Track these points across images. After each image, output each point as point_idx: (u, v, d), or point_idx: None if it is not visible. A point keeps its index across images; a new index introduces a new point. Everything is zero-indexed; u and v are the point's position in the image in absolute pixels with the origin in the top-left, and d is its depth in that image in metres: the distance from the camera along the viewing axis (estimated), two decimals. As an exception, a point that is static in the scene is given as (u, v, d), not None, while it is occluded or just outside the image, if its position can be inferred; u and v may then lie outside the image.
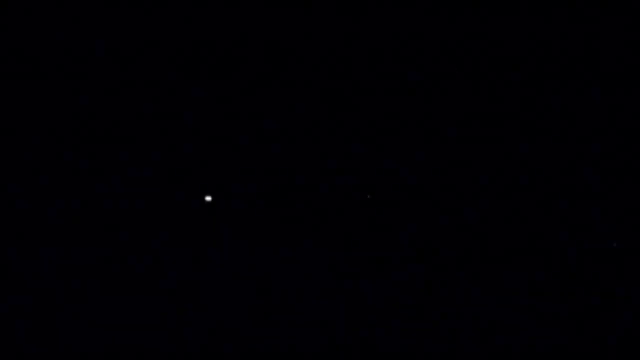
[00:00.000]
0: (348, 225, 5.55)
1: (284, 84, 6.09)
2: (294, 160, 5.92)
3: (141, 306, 5.13)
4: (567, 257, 5.39)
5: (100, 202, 5.50)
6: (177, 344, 5.09)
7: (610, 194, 5.67)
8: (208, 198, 5.75)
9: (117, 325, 5.09)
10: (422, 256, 5.44)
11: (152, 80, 5.97)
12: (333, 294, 5.27)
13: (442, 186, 5.79)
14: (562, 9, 5.90)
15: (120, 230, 5.41)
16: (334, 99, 6.10)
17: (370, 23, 6.07)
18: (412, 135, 6.12)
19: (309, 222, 5.54)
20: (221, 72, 6.01)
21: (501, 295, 5.23)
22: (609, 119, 5.83)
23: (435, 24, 6.06)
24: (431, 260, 5.42)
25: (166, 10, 5.83)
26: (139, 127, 5.86)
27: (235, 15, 5.98)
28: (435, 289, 5.27)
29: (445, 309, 5.20)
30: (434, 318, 5.18)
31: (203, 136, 5.92)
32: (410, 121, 6.13)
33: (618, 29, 5.84)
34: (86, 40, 5.73)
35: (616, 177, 5.68)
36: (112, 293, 5.16)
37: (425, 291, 5.27)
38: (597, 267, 5.33)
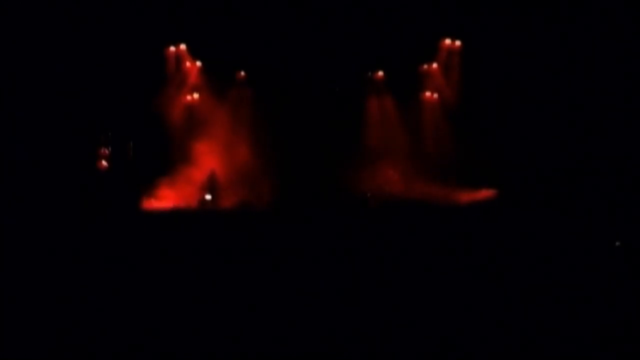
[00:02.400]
0: (348, 226, 5.57)
1: (284, 84, 6.09)
2: (294, 160, 5.92)
3: (141, 306, 5.13)
4: (567, 258, 5.39)
5: (100, 202, 5.52)
6: (177, 343, 5.10)
7: (613, 193, 5.67)
8: (208, 197, 5.76)
9: (117, 325, 5.11)
10: (424, 259, 5.45)
11: (152, 80, 5.97)
12: (333, 294, 5.27)
13: (441, 187, 5.79)
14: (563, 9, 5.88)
15: (121, 230, 5.43)
16: (333, 99, 6.09)
17: (371, 23, 6.05)
18: (412, 136, 6.11)
19: (309, 223, 5.55)
20: (221, 74, 6.01)
21: (501, 296, 5.23)
22: (610, 118, 5.83)
23: (435, 25, 6.04)
24: (432, 261, 5.44)
25: (166, 10, 5.83)
26: (138, 127, 5.86)
27: (235, 16, 5.97)
28: (435, 289, 5.28)
29: (445, 309, 5.20)
30: (434, 318, 5.19)
31: (203, 136, 5.92)
32: (410, 121, 6.12)
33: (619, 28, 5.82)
34: (85, 39, 5.74)
35: (618, 176, 5.68)
36: (112, 293, 5.16)
37: (425, 291, 5.27)
38: (598, 267, 5.34)
